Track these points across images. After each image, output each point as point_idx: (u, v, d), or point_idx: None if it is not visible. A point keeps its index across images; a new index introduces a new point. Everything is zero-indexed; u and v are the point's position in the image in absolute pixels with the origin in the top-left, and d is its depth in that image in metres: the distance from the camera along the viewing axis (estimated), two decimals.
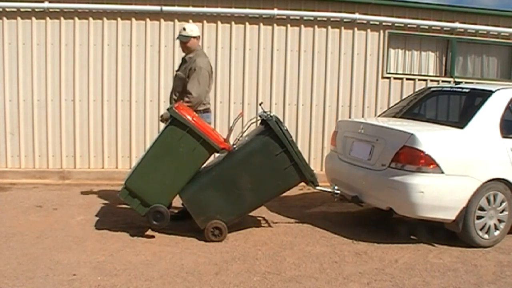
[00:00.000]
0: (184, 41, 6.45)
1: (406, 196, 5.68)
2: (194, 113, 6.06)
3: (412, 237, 6.19)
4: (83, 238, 5.78)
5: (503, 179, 5.96)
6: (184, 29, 6.44)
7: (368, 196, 6.25)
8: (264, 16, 9.39)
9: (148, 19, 9.16)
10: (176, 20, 9.18)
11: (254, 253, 5.51)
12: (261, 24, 9.42)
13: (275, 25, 9.46)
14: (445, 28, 10.08)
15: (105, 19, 9.08)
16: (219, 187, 5.84)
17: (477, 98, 6.58)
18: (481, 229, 5.91)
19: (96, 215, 6.77)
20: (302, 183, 6.12)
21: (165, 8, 9.05)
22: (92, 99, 9.17)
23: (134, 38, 9.17)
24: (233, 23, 9.28)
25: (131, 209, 5.94)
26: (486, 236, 5.95)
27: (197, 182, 5.85)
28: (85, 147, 9.22)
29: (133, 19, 9.13)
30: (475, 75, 10.49)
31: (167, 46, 9.22)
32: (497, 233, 6.02)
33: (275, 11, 9.32)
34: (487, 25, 10.21)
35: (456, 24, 10.02)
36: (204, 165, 6.02)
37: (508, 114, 6.26)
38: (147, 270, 4.90)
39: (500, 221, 6.02)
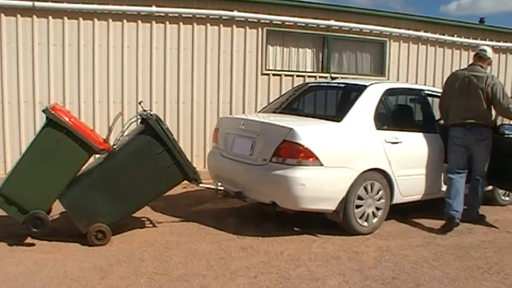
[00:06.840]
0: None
1: (288, 190, 5.78)
2: (72, 113, 5.82)
3: (296, 228, 6.32)
4: None
5: (379, 168, 6.25)
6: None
7: (251, 191, 6.28)
8: (142, 13, 9.20)
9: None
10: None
11: (140, 254, 5.38)
12: (139, 21, 9.20)
13: (153, 22, 9.29)
14: (321, 26, 10.41)
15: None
16: (100, 189, 5.65)
17: (352, 93, 6.84)
18: (360, 217, 6.16)
19: None
20: (186, 181, 6.07)
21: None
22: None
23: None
24: (110, 20, 9.02)
25: (10, 217, 5.59)
26: (365, 223, 6.21)
27: (77, 185, 5.62)
28: None
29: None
30: (350, 70, 10.95)
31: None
32: (375, 220, 6.30)
33: (154, 8, 9.16)
34: (361, 23, 10.70)
35: (332, 22, 10.40)
36: (84, 167, 5.81)
37: (381, 107, 6.58)
38: (28, 280, 4.62)
39: (377, 208, 6.32)
